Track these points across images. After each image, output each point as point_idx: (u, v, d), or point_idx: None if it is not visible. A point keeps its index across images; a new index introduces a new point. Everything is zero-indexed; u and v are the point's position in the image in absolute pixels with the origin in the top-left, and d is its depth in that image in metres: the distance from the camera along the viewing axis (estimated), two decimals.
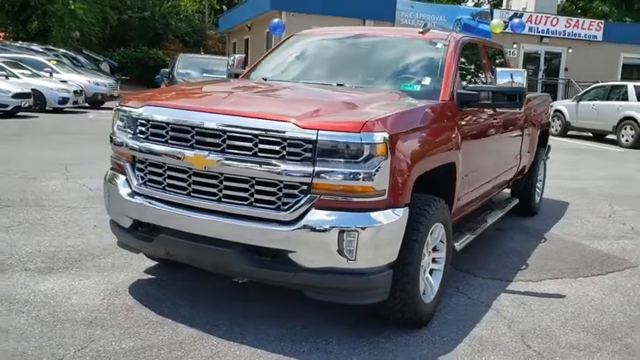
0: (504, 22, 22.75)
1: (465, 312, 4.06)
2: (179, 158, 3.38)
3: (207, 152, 3.29)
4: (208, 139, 3.31)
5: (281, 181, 3.17)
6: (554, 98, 24.30)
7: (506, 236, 6.12)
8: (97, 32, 32.40)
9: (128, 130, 3.69)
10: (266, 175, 3.18)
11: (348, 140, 3.09)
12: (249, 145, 3.21)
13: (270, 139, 3.17)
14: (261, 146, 3.19)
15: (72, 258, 4.63)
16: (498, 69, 4.37)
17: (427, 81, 4.34)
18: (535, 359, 3.43)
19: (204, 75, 13.75)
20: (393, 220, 3.21)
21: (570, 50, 25.55)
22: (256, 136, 3.19)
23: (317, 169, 3.09)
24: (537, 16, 24.77)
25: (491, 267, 5.06)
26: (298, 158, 3.13)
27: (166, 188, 3.51)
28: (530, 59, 25.69)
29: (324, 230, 3.11)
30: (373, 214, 3.16)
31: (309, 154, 3.11)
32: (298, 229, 3.13)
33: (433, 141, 3.71)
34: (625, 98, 16.84)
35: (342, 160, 3.09)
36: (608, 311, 4.25)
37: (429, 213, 3.53)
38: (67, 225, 5.53)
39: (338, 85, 4.36)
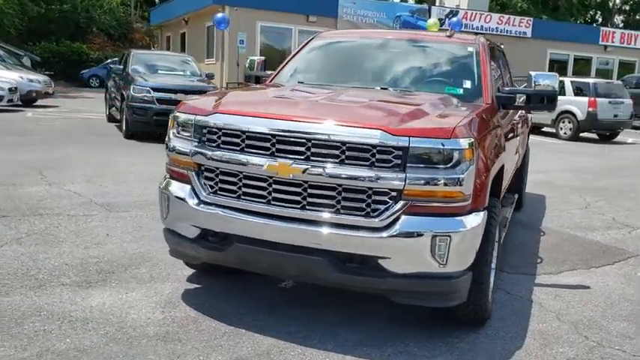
0: (440, 19, 23.49)
1: (512, 307, 4.22)
2: (259, 167, 3.33)
3: (291, 161, 3.26)
4: (291, 148, 3.28)
5: (370, 188, 3.19)
6: None
7: (508, 231, 6.36)
8: (16, 24, 30.65)
9: (192, 138, 3.59)
10: (354, 182, 3.19)
11: (440, 146, 3.15)
12: (336, 152, 3.21)
13: (359, 146, 3.18)
14: (348, 153, 3.20)
15: (103, 270, 4.45)
16: (532, 72, 4.55)
17: (468, 84, 4.48)
18: (598, 350, 3.63)
19: (160, 72, 13.36)
20: (477, 223, 3.31)
21: (503, 46, 26.49)
22: (344, 143, 3.19)
23: (408, 175, 3.13)
24: (472, 14, 25.67)
25: (513, 262, 5.27)
26: (388, 165, 3.16)
27: (242, 197, 3.45)
28: None
29: (419, 236, 3.16)
30: (461, 219, 3.25)
31: (398, 161, 3.15)
32: (392, 235, 3.16)
33: (496, 144, 3.84)
34: (562, 93, 17.74)
35: (432, 166, 3.15)
36: (634, 300, 4.54)
37: (496, 214, 3.66)
38: (79, 235, 5.28)
39: (382, 88, 4.40)
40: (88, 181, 7.56)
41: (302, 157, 3.26)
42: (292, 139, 3.28)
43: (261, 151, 3.35)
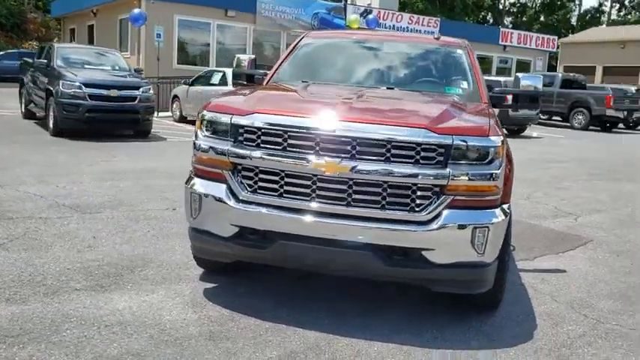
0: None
1: (511, 292, 4.55)
2: (304, 165, 3.41)
3: (339, 159, 3.36)
4: (337, 146, 3.39)
5: (415, 184, 3.37)
6: None
7: None
8: None
9: (227, 138, 3.60)
10: (399, 179, 3.35)
11: (480, 144, 3.39)
12: (382, 150, 3.36)
13: (404, 144, 3.35)
14: (394, 152, 3.35)
15: (110, 273, 4.33)
16: (520, 74, 4.91)
17: (465, 85, 4.76)
18: (600, 326, 4.02)
19: (87, 67, 12.79)
20: (506, 215, 3.58)
21: None
22: (389, 142, 3.35)
23: (451, 171, 3.34)
24: (385, 13, 26.43)
25: None
26: (432, 162, 3.36)
27: (284, 195, 3.51)
28: None
29: (462, 228, 3.38)
30: (495, 211, 3.51)
31: (441, 158, 3.35)
32: (438, 228, 3.36)
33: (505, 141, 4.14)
34: None
35: (472, 162, 3.38)
36: (607, 280, 5.03)
37: (510, 208, 3.96)
38: (64, 238, 5.07)
39: (388, 88, 4.58)
40: (41, 182, 7.19)
41: (347, 156, 3.37)
42: (338, 139, 3.38)
43: (304, 150, 3.43)
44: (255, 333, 3.52)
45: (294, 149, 3.45)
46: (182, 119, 16.49)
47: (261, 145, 3.51)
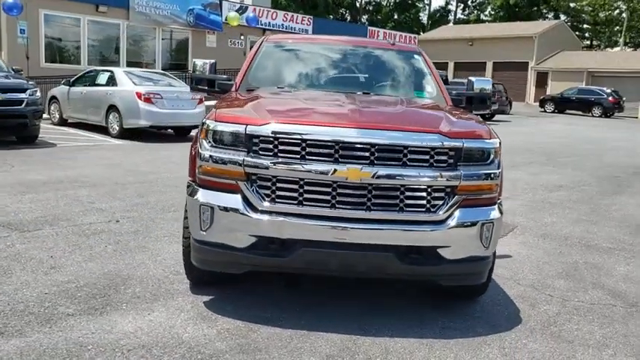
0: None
1: None
2: (325, 173, 3.48)
3: (360, 166, 3.48)
4: (356, 153, 3.50)
5: (430, 187, 3.58)
6: None
7: None
8: None
9: (241, 148, 3.56)
10: (416, 182, 3.55)
11: (484, 146, 3.68)
12: (399, 155, 3.53)
13: (420, 149, 3.54)
14: (410, 156, 3.54)
15: (94, 294, 4.09)
16: (473, 78, 5.30)
17: (429, 89, 5.05)
18: (567, 303, 4.51)
19: None
20: (501, 211, 3.91)
21: None
22: (406, 147, 3.53)
23: (462, 173, 3.60)
24: (259, 10, 26.49)
25: None
26: (444, 165, 3.59)
27: (303, 203, 3.55)
28: None
29: (473, 225, 3.65)
30: (496, 207, 3.82)
31: (451, 161, 3.60)
32: (453, 226, 3.60)
33: None
34: None
35: (478, 163, 3.66)
36: (548, 261, 5.60)
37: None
38: (19, 260, 4.69)
39: (364, 93, 4.74)
40: None
41: (367, 162, 3.50)
42: (357, 145, 3.49)
43: (325, 158, 3.49)
44: (282, 342, 3.53)
45: (314, 157, 3.50)
46: (62, 122, 15.43)
47: (279, 155, 3.52)
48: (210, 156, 3.63)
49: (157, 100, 12.93)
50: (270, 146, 3.53)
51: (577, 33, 55.06)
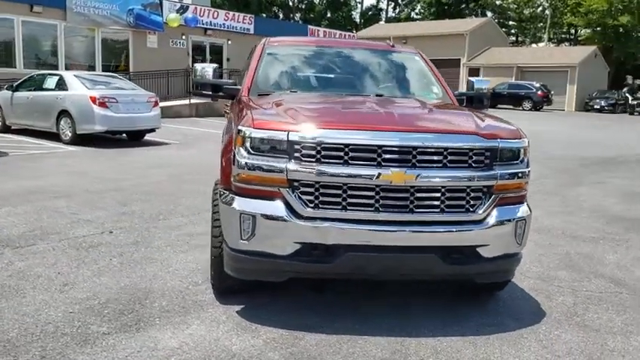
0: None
1: None
2: (371, 177, 3.49)
3: (404, 169, 3.52)
4: (398, 157, 3.53)
5: (468, 187, 3.66)
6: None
7: None
8: None
9: (282, 155, 3.52)
10: (456, 183, 3.62)
11: (517, 146, 3.79)
12: (440, 157, 3.59)
13: (459, 150, 3.62)
14: (450, 158, 3.61)
15: (122, 310, 3.95)
16: (474, 78, 5.43)
17: (436, 89, 5.14)
18: (579, 293, 4.71)
19: None
20: (531, 209, 4.03)
21: (230, 42, 27.69)
22: (446, 149, 3.59)
23: (498, 172, 3.70)
24: (201, 9, 26.04)
25: None
26: (481, 165, 3.68)
27: (347, 208, 3.55)
28: (198, 50, 26.88)
29: (508, 222, 3.76)
30: (526, 205, 3.95)
31: (488, 161, 3.69)
32: (492, 225, 3.69)
33: None
34: None
35: (511, 163, 3.77)
36: (543, 253, 5.82)
37: None
38: (27, 279, 4.46)
39: (378, 95, 4.77)
40: None
41: (409, 165, 3.54)
42: (400, 149, 3.52)
43: (368, 163, 3.51)
44: (333, 348, 3.52)
45: (358, 162, 3.51)
46: (6, 129, 14.67)
47: (322, 161, 3.50)
48: (250, 163, 3.56)
49: (112, 104, 12.51)
50: (313, 152, 3.51)
51: (504, 30, 57.13)
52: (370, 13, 74.33)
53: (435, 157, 3.58)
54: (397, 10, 74.79)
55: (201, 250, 5.32)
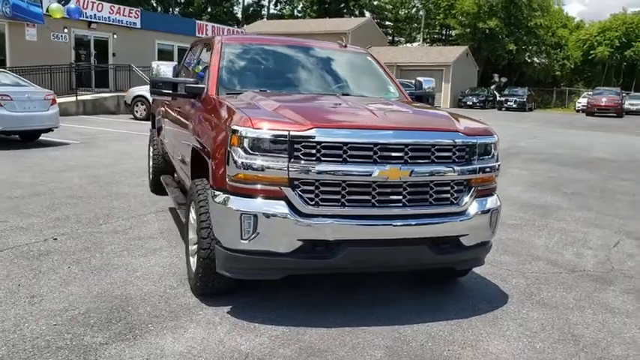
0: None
1: None
2: (368, 174, 3.65)
3: (399, 165, 3.71)
4: (392, 154, 3.71)
5: (452, 181, 3.93)
6: (105, 84, 25.04)
7: None
8: None
9: (282, 154, 3.57)
10: (442, 177, 3.87)
11: (490, 141, 4.11)
12: (428, 154, 3.82)
13: (445, 147, 3.87)
14: (437, 154, 3.85)
15: (108, 319, 3.80)
16: (421, 78, 5.72)
17: (392, 89, 5.38)
18: (526, 275, 5.17)
19: None
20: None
21: (115, 36, 26.47)
22: (433, 145, 3.83)
23: (477, 166, 4.00)
24: (84, 2, 24.63)
25: None
26: (462, 160, 3.95)
27: (346, 204, 3.68)
28: (81, 44, 25.41)
29: (485, 213, 4.07)
30: (497, 196, 4.28)
31: (467, 156, 3.98)
32: (473, 216, 3.98)
33: None
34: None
35: (485, 157, 4.08)
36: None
37: None
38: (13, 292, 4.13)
39: (344, 94, 4.91)
40: None
41: (402, 162, 3.73)
42: (394, 146, 3.71)
43: (366, 160, 3.65)
44: (336, 340, 3.64)
45: (356, 160, 3.64)
46: None
47: (322, 159, 3.59)
48: (249, 163, 3.57)
49: (7, 102, 11.59)
50: (313, 151, 3.59)
51: (382, 30, 59.39)
52: (252, 9, 74.08)
53: (425, 154, 3.79)
54: (278, 7, 75.19)
55: (160, 253, 5.21)
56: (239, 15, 73.18)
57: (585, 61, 57.64)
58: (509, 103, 43.01)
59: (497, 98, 45.25)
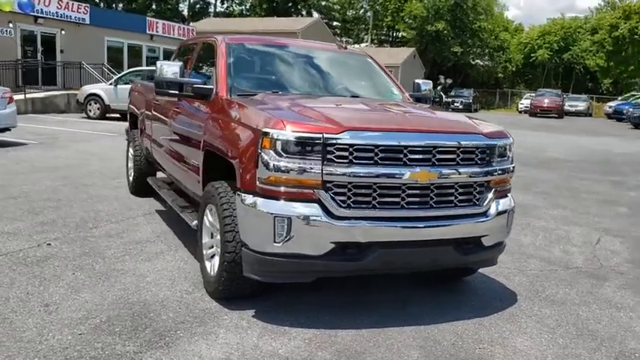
0: None
1: None
2: (400, 176, 3.69)
3: (428, 167, 3.76)
4: (421, 156, 3.77)
5: (475, 182, 4.01)
6: (53, 81, 24.20)
7: None
8: None
9: (316, 157, 3.56)
10: (466, 179, 3.95)
11: (507, 143, 4.22)
12: (453, 156, 3.89)
13: (469, 149, 3.95)
14: (462, 156, 3.92)
15: (133, 326, 3.70)
16: (419, 81, 5.80)
17: (395, 90, 5.44)
18: (527, 273, 5.33)
19: None
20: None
21: (64, 32, 25.59)
22: (459, 148, 3.91)
23: (495, 168, 4.10)
24: None
25: None
26: (484, 162, 4.05)
27: (377, 206, 3.71)
28: (28, 40, 24.43)
29: (504, 213, 4.18)
30: (512, 197, 4.40)
31: (488, 158, 4.08)
32: (493, 217, 4.08)
33: None
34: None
35: (503, 159, 4.19)
36: None
37: None
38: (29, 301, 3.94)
39: (353, 96, 4.94)
40: None
41: (429, 164, 3.79)
42: (423, 148, 3.76)
43: (397, 162, 3.69)
44: (370, 342, 3.66)
45: (387, 162, 3.67)
46: None
47: (354, 161, 3.61)
48: (281, 166, 3.55)
49: None
50: (346, 153, 3.59)
51: (331, 30, 59.68)
52: (198, 6, 73.00)
53: (451, 156, 3.86)
54: (225, 5, 74.41)
55: (164, 257, 5.10)
56: (185, 12, 72.00)
57: (526, 63, 59.76)
58: (456, 103, 44.04)
59: (444, 99, 46.22)
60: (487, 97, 55.67)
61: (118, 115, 20.06)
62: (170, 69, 4.83)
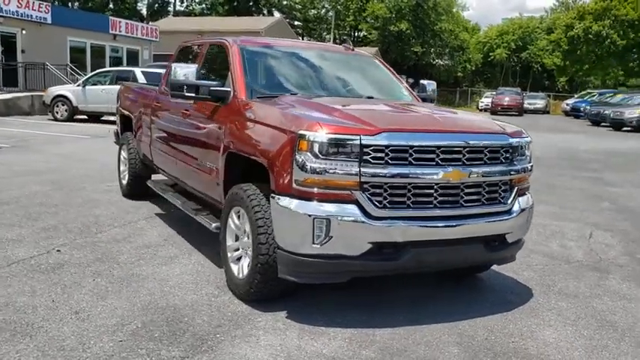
0: None
1: None
2: (434, 176, 3.77)
3: (460, 167, 3.86)
4: (453, 156, 3.86)
5: (500, 181, 4.13)
6: (14, 83, 23.56)
7: None
8: None
9: (353, 158, 3.62)
10: (493, 178, 4.06)
11: (526, 142, 4.35)
12: (481, 155, 4.00)
13: (495, 148, 4.06)
14: (489, 155, 4.03)
15: (171, 331, 3.68)
16: (424, 81, 5.90)
17: (405, 91, 5.53)
18: (534, 268, 5.49)
19: None
20: None
21: (24, 31, 24.90)
22: (486, 147, 4.02)
23: (516, 167, 4.23)
24: None
25: None
26: (507, 161, 4.17)
27: (411, 206, 3.78)
28: None
29: (524, 210, 4.31)
30: (531, 194, 4.53)
31: (510, 157, 4.20)
32: (518, 214, 4.21)
33: None
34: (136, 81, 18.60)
35: (523, 158, 4.32)
36: None
37: None
38: (25, 311, 3.86)
39: (368, 97, 5.00)
40: None
41: (460, 164, 3.88)
42: (455, 149, 3.86)
43: (430, 163, 3.78)
44: (409, 339, 3.73)
45: (421, 162, 3.75)
46: None
47: (390, 162, 3.67)
48: (318, 167, 3.59)
49: None
50: (382, 154, 3.66)
51: (293, 30, 59.65)
52: (157, 5, 71.94)
53: (479, 156, 3.97)
54: (185, 4, 73.54)
55: (179, 261, 5.07)
56: (144, 11, 70.87)
57: (485, 62, 61.03)
58: None
59: None
60: (447, 96, 56.55)
61: (86, 117, 19.66)
62: (184, 71, 4.79)
